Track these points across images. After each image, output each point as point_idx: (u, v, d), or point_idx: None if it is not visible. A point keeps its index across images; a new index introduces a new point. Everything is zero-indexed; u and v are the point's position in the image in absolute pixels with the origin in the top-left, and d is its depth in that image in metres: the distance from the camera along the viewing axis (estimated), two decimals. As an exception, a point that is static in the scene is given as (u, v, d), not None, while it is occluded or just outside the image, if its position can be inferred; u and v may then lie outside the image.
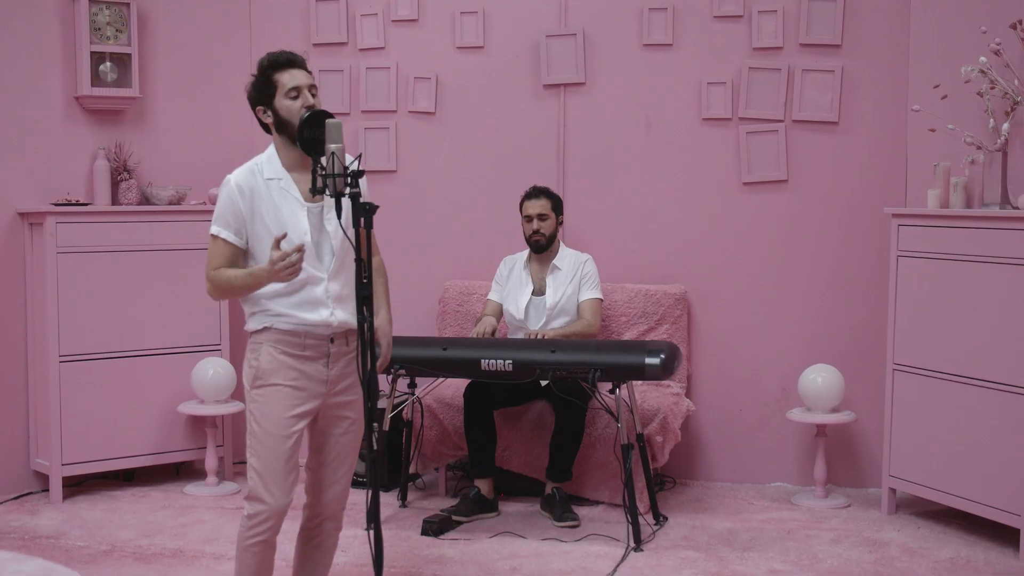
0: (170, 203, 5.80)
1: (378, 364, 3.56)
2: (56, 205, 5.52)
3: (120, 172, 5.80)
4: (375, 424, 3.58)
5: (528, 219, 5.49)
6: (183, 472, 6.00)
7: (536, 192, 5.53)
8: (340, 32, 6.19)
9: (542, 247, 5.49)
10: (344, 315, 3.57)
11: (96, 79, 5.72)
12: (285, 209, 3.54)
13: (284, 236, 3.43)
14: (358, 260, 3.32)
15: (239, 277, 3.50)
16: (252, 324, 3.60)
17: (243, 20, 6.19)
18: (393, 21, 6.15)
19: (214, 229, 3.57)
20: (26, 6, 5.61)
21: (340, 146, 3.33)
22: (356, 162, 3.35)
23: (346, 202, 3.34)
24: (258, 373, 3.54)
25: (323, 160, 3.33)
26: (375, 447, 3.41)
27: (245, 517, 3.57)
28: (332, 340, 3.58)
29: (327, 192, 3.33)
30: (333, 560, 3.84)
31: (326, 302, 3.55)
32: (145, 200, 5.83)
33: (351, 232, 3.36)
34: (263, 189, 3.55)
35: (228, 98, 5.92)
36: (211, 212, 3.73)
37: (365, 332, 3.31)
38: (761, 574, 4.46)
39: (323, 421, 3.64)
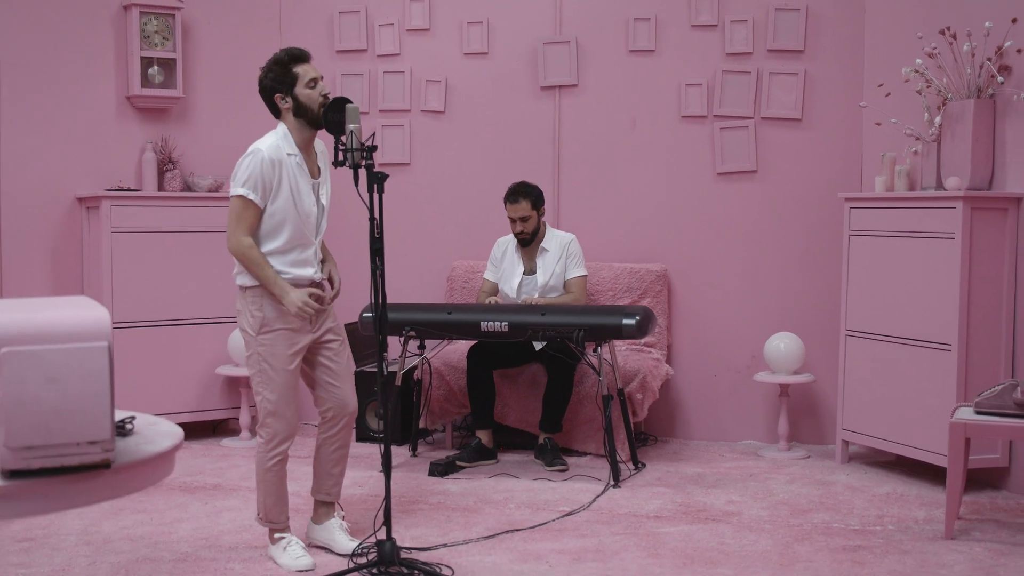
0: (209, 190, 6.52)
1: (330, 298, 4.36)
2: (110, 191, 6.25)
3: (165, 163, 6.53)
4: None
5: (512, 220, 6.03)
6: (219, 430, 6.72)
7: (514, 195, 5.98)
8: (360, 40, 6.88)
9: (527, 242, 6.06)
10: (319, 270, 4.36)
11: (145, 81, 6.46)
12: (301, 182, 4.24)
13: (321, 292, 4.26)
14: (371, 219, 4.06)
15: (266, 272, 4.18)
16: (249, 280, 4.26)
17: (274, 30, 6.91)
18: (407, 30, 6.83)
19: (242, 191, 4.18)
20: (85, 17, 6.35)
21: (357, 126, 4.07)
22: (371, 139, 4.09)
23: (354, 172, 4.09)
24: (264, 321, 4.24)
25: (343, 137, 4.07)
26: (384, 373, 4.15)
27: (263, 443, 4.28)
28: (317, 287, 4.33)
29: (347, 163, 4.07)
30: (346, 465, 4.55)
31: (313, 260, 4.29)
32: (187, 188, 6.55)
33: (366, 197, 4.08)
34: (286, 162, 4.24)
35: (259, 99, 6.62)
36: None
37: (377, 279, 4.05)
38: (721, 504, 5.14)
39: (321, 354, 4.37)
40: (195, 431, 6.60)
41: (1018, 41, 5.18)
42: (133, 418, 2.57)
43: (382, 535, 4.12)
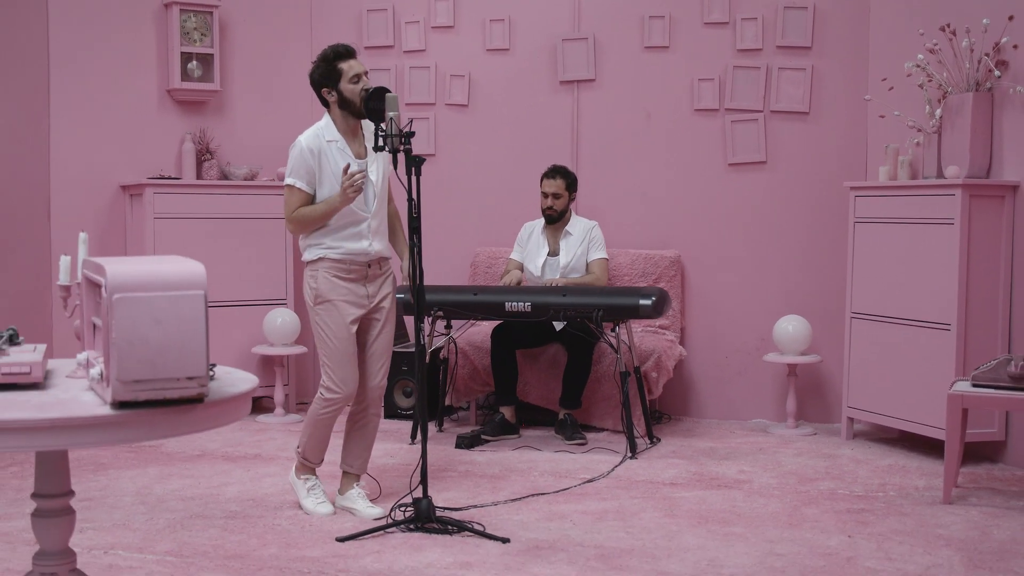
0: (245, 179, 6.85)
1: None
2: (152, 179, 6.58)
3: (203, 153, 6.86)
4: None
5: (544, 195, 6.43)
6: (255, 407, 7.04)
7: (553, 173, 6.41)
8: (388, 37, 7.21)
9: (553, 220, 6.43)
10: (379, 245, 4.66)
11: (184, 75, 6.80)
12: (343, 163, 4.57)
13: (348, 165, 4.47)
14: (409, 200, 4.39)
15: (316, 208, 4.55)
16: (308, 255, 4.64)
17: (305, 27, 7.24)
18: (433, 27, 7.16)
19: (289, 180, 4.60)
20: (128, 15, 6.69)
21: (396, 113, 4.39)
22: (409, 125, 4.41)
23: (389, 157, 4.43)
24: (317, 293, 4.60)
25: (383, 124, 4.40)
26: (423, 340, 4.48)
27: (322, 399, 4.64)
28: (369, 265, 4.63)
29: (386, 148, 4.40)
30: (374, 440, 4.88)
31: (367, 235, 4.62)
32: (224, 176, 6.88)
33: (405, 180, 4.41)
34: (326, 148, 4.59)
35: (292, 92, 7.01)
36: (279, 187, 4.86)
37: (415, 256, 4.39)
38: (732, 473, 5.45)
39: (363, 329, 4.69)
40: (231, 408, 6.92)
41: (1014, 37, 5.48)
42: (214, 365, 2.88)
43: (418, 494, 4.46)
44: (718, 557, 4.15)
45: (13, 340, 2.88)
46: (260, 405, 7.06)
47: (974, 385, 4.92)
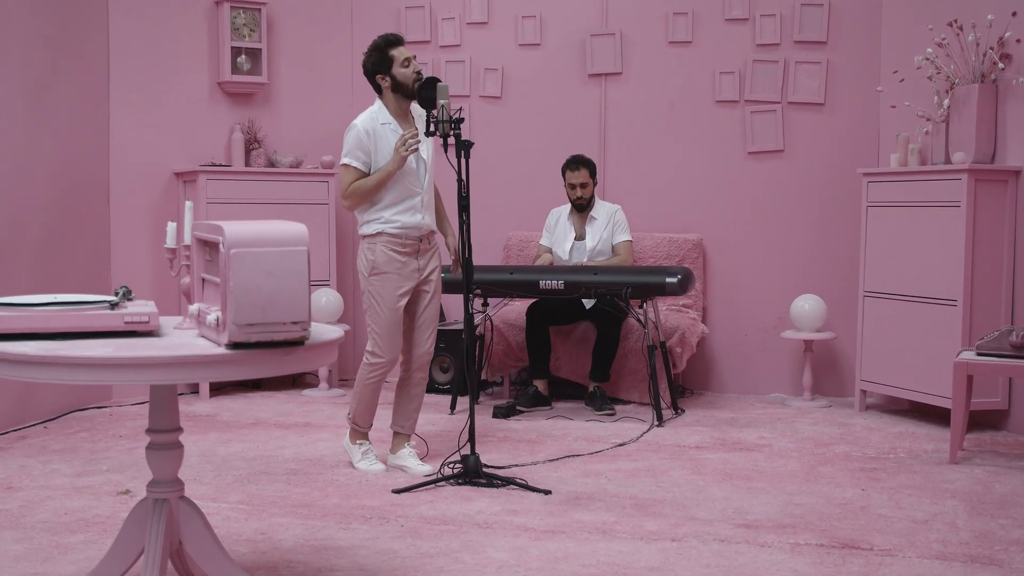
0: (290, 167, 7.25)
1: (453, 266, 5.18)
2: (204, 166, 6.99)
3: (251, 142, 7.26)
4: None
5: (572, 186, 6.80)
6: (298, 382, 7.46)
7: (576, 164, 6.73)
8: (425, 32, 7.60)
9: (584, 208, 6.83)
10: (429, 219, 5.08)
11: (234, 68, 7.20)
12: (396, 143, 4.97)
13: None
14: (459, 180, 4.79)
15: (371, 178, 4.96)
16: (367, 229, 5.04)
17: (346, 23, 7.64)
18: (468, 23, 7.55)
19: (345, 160, 5.00)
20: (182, 11, 7.10)
21: (447, 102, 4.79)
22: (458, 112, 4.81)
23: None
24: (374, 265, 4.99)
25: (434, 112, 4.80)
26: (472, 313, 4.88)
27: (368, 365, 5.05)
28: (420, 240, 5.04)
29: (438, 133, 4.80)
30: (422, 402, 5.30)
31: (420, 209, 5.03)
32: (270, 164, 7.28)
33: (454, 162, 4.81)
34: (380, 130, 5.00)
35: (334, 85, 7.44)
36: (322, 174, 5.86)
37: (464, 232, 4.80)
38: (753, 439, 5.85)
39: (413, 299, 5.10)
40: (277, 383, 7.35)
41: (1017, 32, 5.86)
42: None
43: (466, 451, 4.87)
44: (743, 506, 4.54)
45: (127, 296, 3.29)
46: (303, 380, 7.46)
47: (978, 354, 5.30)
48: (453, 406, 6.58)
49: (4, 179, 5.92)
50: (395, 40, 5.05)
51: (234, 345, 2.89)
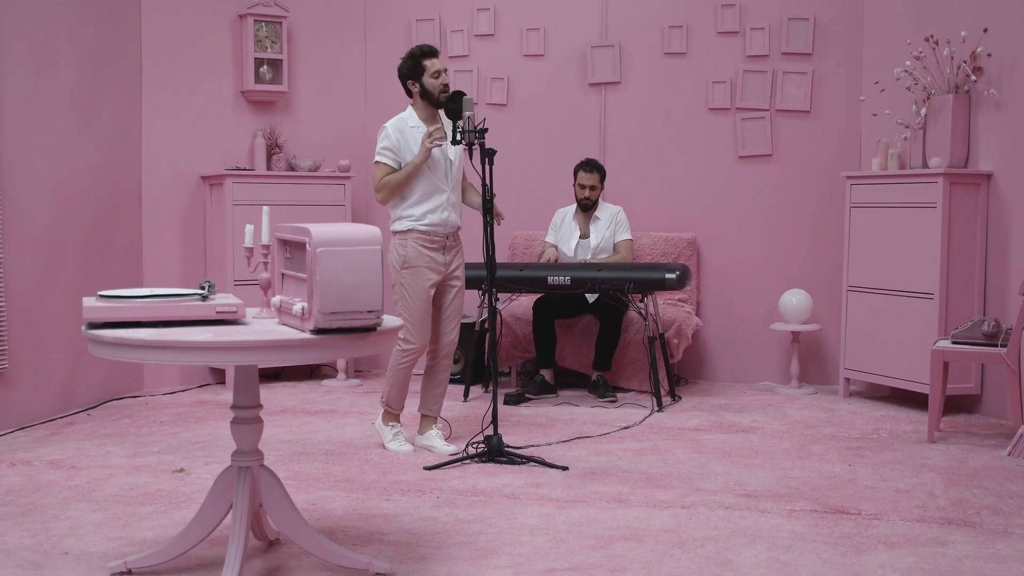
0: (309, 171, 7.69)
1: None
2: (229, 170, 7.42)
3: (273, 147, 7.70)
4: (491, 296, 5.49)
5: (582, 187, 7.28)
6: (315, 374, 7.91)
7: (590, 167, 7.23)
8: (435, 44, 7.90)
9: (588, 208, 7.32)
10: (455, 217, 5.54)
11: (257, 78, 7.63)
12: (422, 138, 5.43)
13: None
14: (484, 185, 5.26)
15: (400, 172, 5.42)
16: (399, 226, 5.50)
17: (361, 35, 8.08)
18: (475, 36, 7.99)
19: (378, 158, 5.49)
20: (208, 24, 7.53)
21: (472, 113, 5.26)
22: (483, 123, 5.28)
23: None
24: (405, 259, 5.45)
25: (460, 122, 5.27)
26: (495, 302, 5.35)
27: (400, 351, 5.51)
28: (447, 237, 5.51)
29: (463, 142, 5.27)
30: (447, 388, 5.76)
31: (447, 208, 5.49)
32: (290, 168, 7.72)
33: (479, 168, 5.28)
34: (409, 132, 5.47)
35: (349, 94, 7.89)
36: (339, 178, 6.57)
37: (488, 232, 5.26)
38: (747, 422, 6.34)
39: (440, 292, 5.56)
40: (295, 373, 7.80)
41: (988, 47, 6.37)
42: (370, 307, 3.73)
43: (489, 432, 5.34)
44: (742, 479, 5.04)
45: (211, 290, 3.74)
46: (320, 372, 7.91)
47: (953, 343, 5.81)
48: (466, 394, 7.05)
49: (54, 183, 6.37)
50: (430, 51, 5.51)
51: (318, 331, 3.35)
